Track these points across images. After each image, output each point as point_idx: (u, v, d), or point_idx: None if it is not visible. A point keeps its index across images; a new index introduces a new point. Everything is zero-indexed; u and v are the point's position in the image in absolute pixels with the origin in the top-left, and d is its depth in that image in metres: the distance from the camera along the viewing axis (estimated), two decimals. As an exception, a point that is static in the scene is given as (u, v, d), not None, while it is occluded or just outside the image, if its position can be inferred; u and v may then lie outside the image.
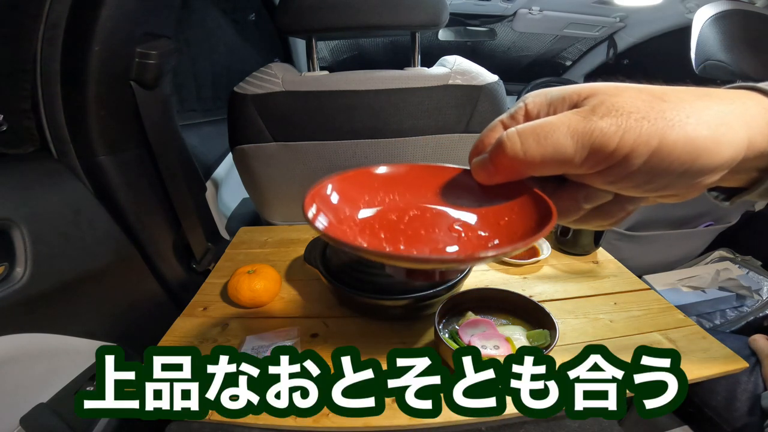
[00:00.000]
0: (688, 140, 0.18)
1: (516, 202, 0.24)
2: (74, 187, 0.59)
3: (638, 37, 1.64)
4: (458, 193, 0.27)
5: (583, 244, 0.72)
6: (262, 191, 0.90)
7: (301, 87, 0.78)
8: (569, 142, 0.20)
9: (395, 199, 0.27)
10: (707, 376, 0.49)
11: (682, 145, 0.18)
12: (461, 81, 0.80)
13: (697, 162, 0.19)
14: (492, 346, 0.46)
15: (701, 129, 0.18)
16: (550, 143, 0.20)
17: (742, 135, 0.19)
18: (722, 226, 1.18)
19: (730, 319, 0.96)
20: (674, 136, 0.18)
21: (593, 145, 0.19)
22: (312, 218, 0.22)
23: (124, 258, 0.65)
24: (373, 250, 0.21)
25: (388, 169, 0.28)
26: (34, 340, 0.52)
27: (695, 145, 0.18)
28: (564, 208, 0.23)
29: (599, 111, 0.19)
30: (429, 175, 0.28)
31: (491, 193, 0.25)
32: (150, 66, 0.63)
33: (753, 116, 0.19)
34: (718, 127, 0.19)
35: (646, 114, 0.19)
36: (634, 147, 0.19)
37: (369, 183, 0.27)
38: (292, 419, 0.44)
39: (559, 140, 0.20)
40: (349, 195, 0.26)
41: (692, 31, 0.93)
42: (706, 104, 0.19)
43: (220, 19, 1.43)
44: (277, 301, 0.63)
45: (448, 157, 0.85)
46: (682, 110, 0.19)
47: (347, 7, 0.74)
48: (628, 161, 0.19)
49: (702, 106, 0.19)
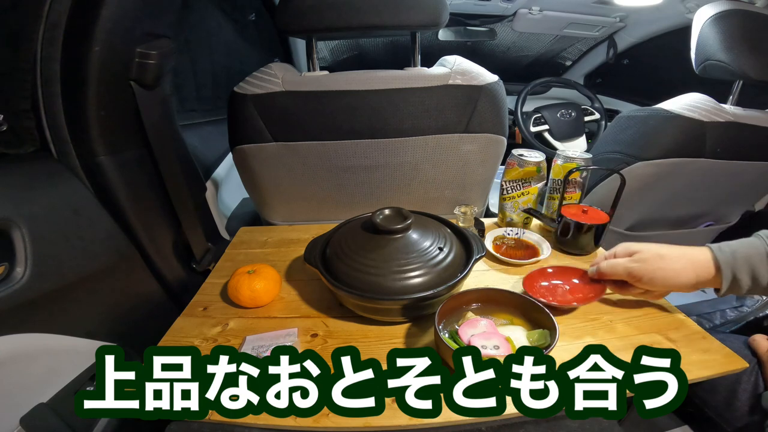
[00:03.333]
0: (666, 280, 0.51)
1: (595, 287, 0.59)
2: (74, 187, 0.59)
3: (638, 37, 1.64)
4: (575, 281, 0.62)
5: (582, 244, 0.72)
6: (262, 191, 0.90)
7: (301, 87, 0.78)
8: (623, 271, 0.54)
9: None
10: (707, 376, 0.49)
11: (662, 282, 0.52)
12: (461, 81, 0.80)
13: (669, 287, 0.53)
14: (492, 346, 0.46)
15: (673, 275, 0.51)
16: (617, 270, 0.55)
17: (692, 275, 0.50)
18: (722, 226, 1.18)
19: (730, 319, 0.96)
20: (661, 278, 0.52)
21: (630, 274, 0.53)
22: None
23: (124, 258, 0.65)
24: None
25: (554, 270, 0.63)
26: (34, 340, 0.52)
27: (669, 283, 0.52)
28: (622, 289, 0.57)
29: (637, 259, 0.53)
30: (572, 271, 0.63)
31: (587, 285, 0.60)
32: (150, 66, 0.63)
33: (701, 265, 0.50)
34: (680, 272, 0.51)
35: (652, 265, 0.52)
36: (645, 279, 0.52)
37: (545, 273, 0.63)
38: (292, 419, 0.44)
39: (619, 269, 0.55)
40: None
41: (692, 31, 0.93)
42: (679, 262, 0.51)
43: (220, 19, 1.43)
44: (277, 301, 0.63)
45: (448, 157, 0.85)
46: (668, 264, 0.51)
47: (347, 7, 0.74)
48: (642, 283, 0.53)
49: (676, 263, 0.51)
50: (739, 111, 0.91)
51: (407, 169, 0.86)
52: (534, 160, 0.75)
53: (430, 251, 0.56)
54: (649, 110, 0.92)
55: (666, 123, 0.88)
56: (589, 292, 0.59)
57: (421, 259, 0.54)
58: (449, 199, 0.93)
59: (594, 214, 0.73)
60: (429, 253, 0.56)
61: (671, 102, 0.91)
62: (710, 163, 0.90)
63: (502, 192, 0.80)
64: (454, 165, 0.87)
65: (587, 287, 0.60)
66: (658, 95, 1.03)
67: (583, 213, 0.73)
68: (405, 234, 0.58)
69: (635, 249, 0.54)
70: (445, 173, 0.88)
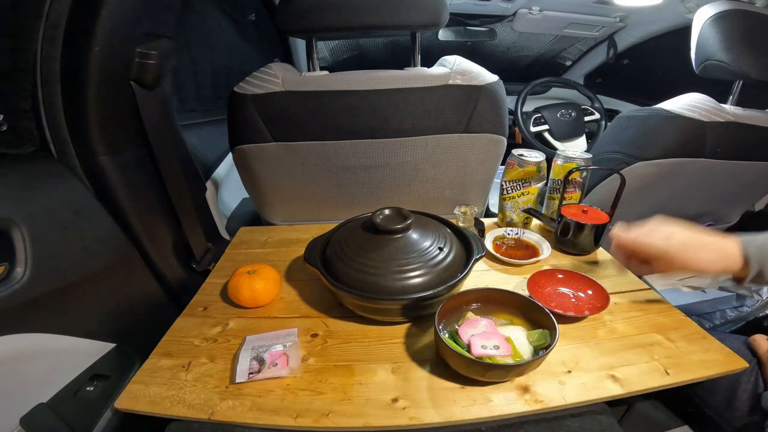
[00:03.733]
0: (696, 268, 0.50)
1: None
2: (74, 187, 0.59)
3: (638, 37, 1.64)
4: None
5: (582, 244, 0.72)
6: (262, 191, 0.90)
7: (301, 87, 0.78)
8: (658, 253, 0.53)
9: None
10: (707, 376, 0.49)
11: (693, 269, 0.51)
12: (461, 81, 0.80)
13: (694, 273, 0.51)
14: (492, 346, 0.46)
15: (703, 265, 0.50)
16: (651, 251, 0.53)
17: (721, 267, 0.50)
18: (722, 226, 1.18)
19: (730, 319, 0.96)
20: (693, 266, 0.51)
21: (665, 258, 0.52)
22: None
23: (124, 258, 0.65)
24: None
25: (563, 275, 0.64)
26: (34, 340, 0.52)
27: (697, 270, 0.51)
28: (642, 264, 0.55)
29: (675, 245, 0.51)
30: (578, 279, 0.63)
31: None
32: (150, 66, 0.63)
33: (732, 258, 0.50)
34: (712, 263, 0.50)
35: (689, 253, 0.51)
36: (677, 266, 0.51)
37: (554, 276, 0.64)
38: (292, 419, 0.44)
39: (653, 251, 0.53)
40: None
41: (692, 31, 0.93)
42: (714, 253, 0.51)
43: (220, 19, 1.43)
44: (277, 301, 0.63)
45: (448, 157, 0.85)
46: (704, 255, 0.50)
47: (347, 7, 0.74)
48: (672, 268, 0.52)
49: (711, 254, 0.51)
50: (739, 111, 0.91)
51: (407, 169, 0.86)
52: (534, 160, 0.75)
53: (430, 251, 0.56)
54: (649, 110, 0.92)
55: (666, 123, 0.88)
56: (597, 302, 0.59)
57: (421, 259, 0.54)
58: (449, 199, 0.93)
59: (594, 214, 0.73)
60: (429, 253, 0.56)
61: (671, 102, 0.91)
62: (710, 163, 0.90)
63: (502, 192, 0.80)
64: (454, 165, 0.87)
65: (594, 297, 0.60)
66: (658, 95, 1.03)
67: (583, 213, 0.73)
68: (405, 234, 0.58)
69: (671, 232, 0.53)
70: (445, 173, 0.88)
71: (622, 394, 0.46)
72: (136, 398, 0.47)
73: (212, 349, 0.54)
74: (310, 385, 0.48)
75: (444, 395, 0.46)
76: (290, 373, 0.49)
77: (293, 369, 0.49)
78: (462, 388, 0.47)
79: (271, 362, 0.49)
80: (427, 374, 0.49)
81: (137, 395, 0.47)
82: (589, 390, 0.46)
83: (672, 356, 0.51)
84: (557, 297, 0.61)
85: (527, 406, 0.45)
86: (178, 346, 0.54)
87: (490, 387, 0.47)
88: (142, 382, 0.49)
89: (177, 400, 0.46)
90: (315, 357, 0.52)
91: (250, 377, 0.48)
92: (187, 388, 0.48)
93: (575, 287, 0.62)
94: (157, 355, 0.53)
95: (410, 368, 0.50)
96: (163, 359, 0.52)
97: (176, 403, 0.46)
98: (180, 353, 0.53)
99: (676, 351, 0.52)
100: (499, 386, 0.47)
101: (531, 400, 0.46)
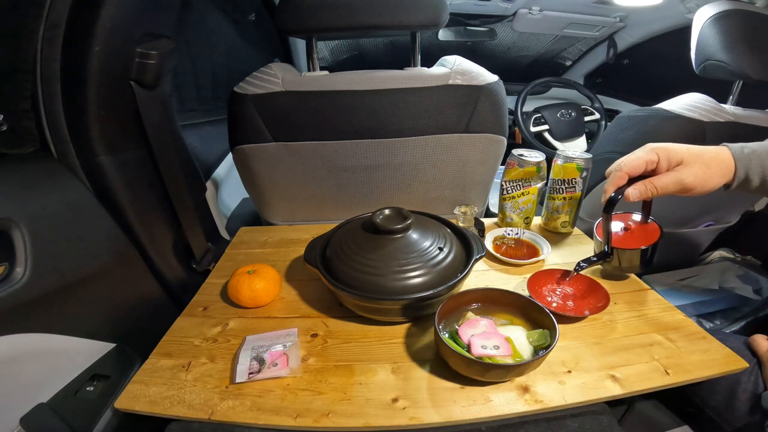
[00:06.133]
0: (706, 187, 0.50)
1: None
2: (74, 187, 0.59)
3: (638, 37, 1.64)
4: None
5: (640, 265, 0.62)
6: (262, 191, 0.89)
7: (301, 87, 0.78)
8: (676, 187, 0.51)
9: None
10: (707, 376, 0.49)
11: (707, 190, 0.51)
12: (461, 81, 0.80)
13: (699, 191, 0.51)
14: (492, 346, 0.46)
15: (713, 183, 0.50)
16: (669, 189, 0.52)
17: (720, 179, 0.50)
18: (722, 226, 1.18)
19: (730, 319, 0.96)
20: (709, 186, 0.50)
21: (683, 188, 0.51)
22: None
23: (124, 258, 0.65)
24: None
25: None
26: (34, 340, 0.52)
27: (707, 189, 0.50)
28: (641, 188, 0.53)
29: (688, 171, 0.50)
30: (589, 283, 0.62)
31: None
32: (150, 66, 0.63)
33: (727, 166, 0.50)
34: (716, 177, 0.50)
35: (702, 173, 0.49)
36: (697, 190, 0.50)
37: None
38: (292, 419, 0.44)
39: (671, 187, 0.52)
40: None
41: (692, 31, 0.93)
42: (716, 166, 0.50)
43: (220, 19, 1.43)
44: (277, 301, 0.63)
45: (448, 157, 0.85)
46: (711, 171, 0.49)
47: (347, 7, 0.74)
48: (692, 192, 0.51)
49: (716, 167, 0.50)
50: (739, 111, 0.91)
51: (407, 169, 0.86)
52: (534, 160, 0.75)
53: (430, 251, 0.56)
54: (649, 110, 0.92)
55: (666, 123, 0.88)
56: (597, 302, 0.58)
57: (421, 259, 0.54)
58: (449, 199, 0.93)
59: (640, 229, 0.63)
60: (429, 253, 0.56)
61: (671, 102, 0.91)
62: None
63: (502, 192, 0.80)
64: (454, 165, 0.87)
65: (595, 297, 0.59)
66: (658, 95, 1.03)
67: (628, 233, 0.63)
68: (405, 234, 0.58)
69: (677, 158, 0.50)
70: (445, 173, 0.88)
71: (622, 394, 0.46)
72: (136, 398, 0.47)
73: (212, 349, 0.54)
74: (310, 385, 0.48)
75: (444, 395, 0.46)
76: (290, 373, 0.49)
77: (293, 369, 0.49)
78: (462, 388, 0.47)
79: (271, 362, 0.50)
80: (427, 374, 0.49)
81: (137, 395, 0.47)
82: (589, 390, 0.46)
83: (672, 356, 0.51)
84: (557, 297, 0.61)
85: (527, 406, 0.45)
86: (178, 346, 0.54)
87: (490, 387, 0.47)
88: (142, 382, 0.49)
89: (177, 400, 0.46)
90: (315, 357, 0.52)
91: (250, 377, 0.48)
92: (187, 388, 0.48)
93: (575, 287, 0.62)
94: (157, 355, 0.53)
95: (410, 368, 0.50)
96: (163, 359, 0.52)
97: (176, 403, 0.46)
98: (180, 353, 0.53)
99: (676, 351, 0.52)
100: (499, 386, 0.47)
101: (531, 400, 0.46)
